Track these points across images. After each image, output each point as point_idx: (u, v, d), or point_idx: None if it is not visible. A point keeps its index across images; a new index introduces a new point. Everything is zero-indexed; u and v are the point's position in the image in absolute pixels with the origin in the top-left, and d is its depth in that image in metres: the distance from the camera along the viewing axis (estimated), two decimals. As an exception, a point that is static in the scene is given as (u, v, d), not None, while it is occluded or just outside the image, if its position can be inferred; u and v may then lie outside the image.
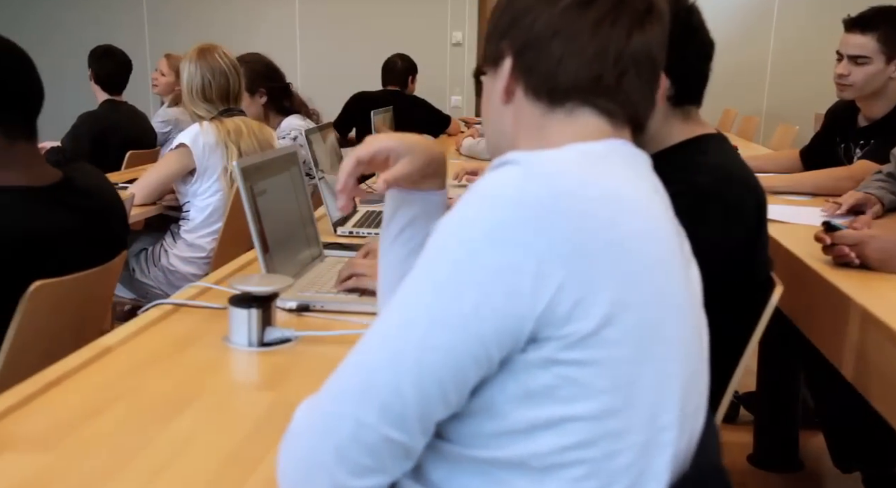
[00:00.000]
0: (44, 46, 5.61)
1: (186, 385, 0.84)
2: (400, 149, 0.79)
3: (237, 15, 5.56)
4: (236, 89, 2.30)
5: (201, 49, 2.29)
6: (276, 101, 2.68)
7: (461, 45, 5.66)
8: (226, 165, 2.22)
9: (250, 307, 0.95)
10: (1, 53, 1.16)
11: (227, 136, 2.22)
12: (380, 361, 0.53)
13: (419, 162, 0.78)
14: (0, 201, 1.11)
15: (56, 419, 0.74)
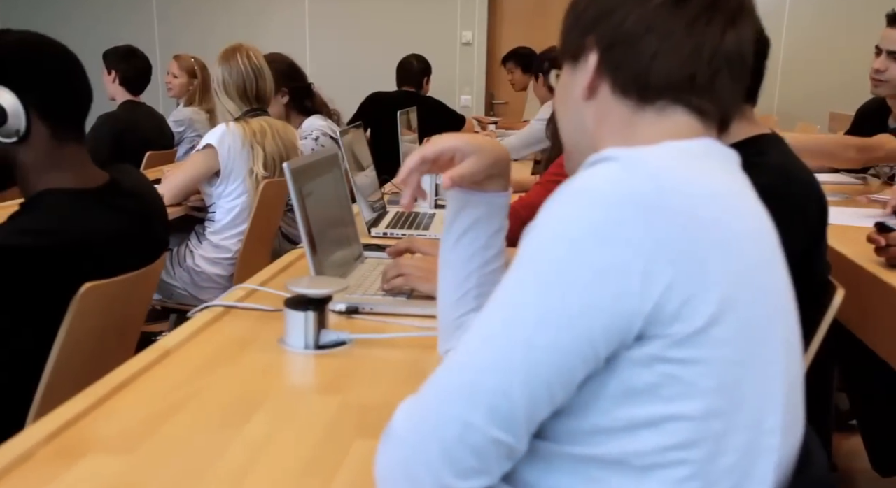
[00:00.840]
0: None
1: (251, 388, 0.84)
2: (466, 148, 0.78)
3: (247, 14, 5.56)
4: (259, 89, 2.31)
5: (229, 49, 2.30)
6: (298, 100, 2.69)
7: (471, 45, 5.66)
8: (251, 167, 2.23)
9: (307, 309, 0.95)
10: (52, 56, 1.16)
11: (253, 138, 2.23)
12: (486, 362, 0.53)
13: (485, 161, 0.78)
14: (52, 203, 1.12)
15: (130, 421, 0.74)
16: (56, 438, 0.70)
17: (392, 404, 0.77)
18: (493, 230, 0.82)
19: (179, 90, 3.70)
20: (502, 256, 0.84)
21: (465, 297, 0.83)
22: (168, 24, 5.63)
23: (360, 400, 0.80)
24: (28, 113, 1.11)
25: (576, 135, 0.69)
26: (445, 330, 0.87)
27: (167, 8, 5.64)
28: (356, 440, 0.71)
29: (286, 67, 2.68)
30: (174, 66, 3.66)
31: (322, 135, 2.66)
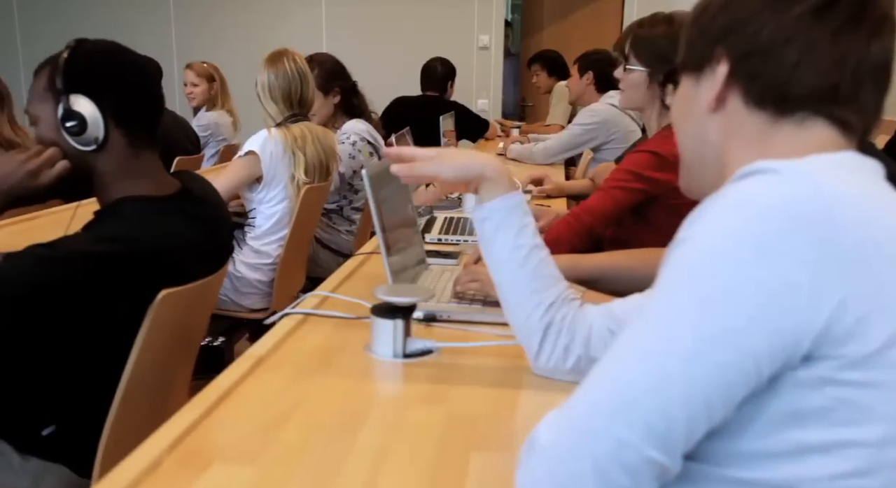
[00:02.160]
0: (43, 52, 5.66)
1: (351, 397, 0.84)
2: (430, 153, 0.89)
3: (264, 17, 5.58)
4: (303, 94, 2.32)
5: (272, 54, 2.32)
6: (347, 100, 2.70)
7: (488, 49, 5.67)
8: (293, 173, 2.24)
9: (395, 317, 0.95)
10: (127, 63, 1.17)
11: (294, 143, 2.24)
12: (642, 378, 0.52)
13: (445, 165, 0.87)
14: (130, 210, 1.13)
15: (244, 431, 0.75)
16: (177, 448, 0.71)
17: (497, 415, 0.79)
18: (515, 231, 0.85)
19: (202, 97, 3.71)
20: (539, 250, 0.87)
21: (522, 300, 0.86)
22: (185, 26, 5.65)
23: (465, 411, 0.80)
24: (105, 121, 1.12)
25: (697, 148, 0.68)
26: (522, 337, 0.89)
27: (184, 10, 5.66)
28: (472, 452, 0.71)
29: (336, 66, 2.69)
30: (190, 75, 3.66)
31: (360, 140, 2.66)
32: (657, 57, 1.44)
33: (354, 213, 2.74)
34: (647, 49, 1.46)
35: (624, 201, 1.46)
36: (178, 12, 5.66)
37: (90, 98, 1.11)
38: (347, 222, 2.73)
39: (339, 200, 2.69)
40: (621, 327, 0.84)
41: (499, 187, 0.85)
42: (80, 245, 1.07)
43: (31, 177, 1.10)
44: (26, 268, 1.04)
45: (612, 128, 3.05)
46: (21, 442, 1.18)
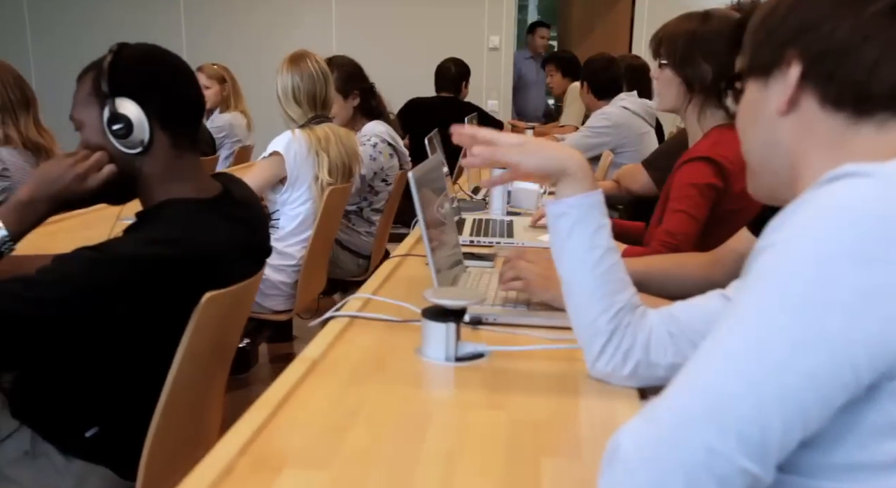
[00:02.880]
0: (78, 47, 5.68)
1: (410, 400, 0.85)
2: (515, 139, 0.87)
3: (274, 17, 5.59)
4: (326, 95, 2.33)
5: (293, 56, 2.32)
6: (366, 102, 2.70)
7: (498, 50, 5.67)
8: (317, 173, 2.25)
9: (447, 321, 0.96)
10: (170, 66, 1.18)
11: (318, 144, 2.24)
12: (733, 387, 0.51)
13: (529, 156, 0.86)
14: (175, 213, 1.13)
15: (310, 435, 0.75)
16: (247, 452, 0.71)
17: (560, 420, 0.78)
18: (592, 231, 0.85)
19: (214, 99, 3.71)
20: (613, 253, 0.86)
21: (590, 301, 0.85)
22: (195, 27, 5.65)
23: (527, 416, 0.80)
24: (150, 124, 1.12)
25: (766, 153, 0.68)
26: (584, 338, 0.88)
27: (194, 11, 5.66)
28: (542, 457, 0.71)
29: (355, 69, 2.69)
30: (202, 78, 3.66)
31: (380, 142, 2.67)
32: (690, 56, 1.41)
33: (374, 215, 2.74)
34: (680, 47, 1.42)
35: (703, 217, 1.40)
36: (188, 12, 5.67)
37: (135, 101, 1.11)
38: (367, 223, 2.74)
39: (360, 202, 2.70)
40: (683, 331, 0.84)
41: (579, 184, 0.84)
42: (128, 248, 1.07)
43: (79, 180, 1.10)
44: (75, 271, 1.04)
45: (623, 131, 3.06)
46: (65, 444, 1.18)
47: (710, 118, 1.44)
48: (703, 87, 1.41)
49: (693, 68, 1.40)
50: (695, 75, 1.41)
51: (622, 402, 0.83)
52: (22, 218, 1.09)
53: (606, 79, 3.23)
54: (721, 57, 1.36)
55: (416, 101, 3.97)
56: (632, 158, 2.96)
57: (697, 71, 1.40)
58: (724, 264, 1.22)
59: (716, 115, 1.43)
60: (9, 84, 2.08)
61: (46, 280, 1.02)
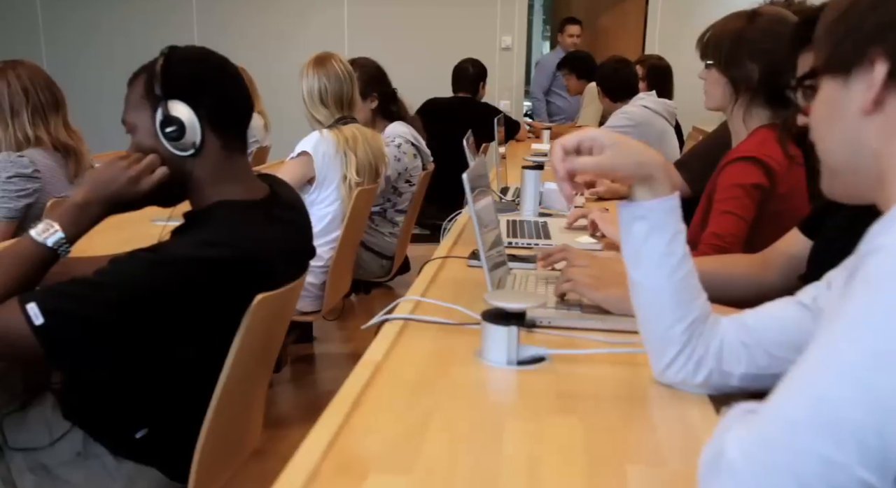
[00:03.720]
0: (90, 46, 5.70)
1: (480, 404, 0.84)
2: (604, 140, 0.82)
3: (285, 17, 5.60)
4: (350, 96, 2.33)
5: (319, 57, 2.32)
6: (385, 105, 2.70)
7: (510, 50, 5.67)
8: (345, 173, 2.25)
9: (509, 324, 0.95)
10: (219, 68, 1.18)
11: (346, 145, 2.24)
12: (849, 394, 0.50)
13: (624, 159, 0.82)
14: (227, 214, 1.13)
15: (387, 439, 0.75)
16: (328, 457, 0.71)
17: (635, 426, 0.78)
18: (669, 236, 0.83)
19: None
20: (688, 260, 0.85)
21: (664, 310, 0.84)
22: (208, 27, 5.66)
23: (601, 422, 0.80)
24: (202, 126, 1.12)
25: (848, 153, 0.66)
26: (656, 347, 0.87)
27: (207, 11, 5.66)
28: (626, 465, 0.70)
29: (376, 72, 2.69)
30: None
31: (404, 142, 2.67)
32: (736, 56, 1.39)
33: (398, 216, 2.74)
34: (726, 48, 1.41)
35: (750, 218, 1.38)
36: (200, 12, 5.67)
37: (187, 103, 1.11)
38: (391, 224, 2.73)
39: (383, 203, 2.70)
40: (758, 342, 0.83)
41: (661, 187, 0.82)
42: (183, 249, 1.07)
43: (133, 183, 1.11)
44: (133, 272, 1.04)
45: (645, 129, 3.05)
46: (115, 445, 1.18)
47: (755, 118, 1.43)
48: (750, 87, 1.40)
49: (739, 68, 1.40)
50: (741, 75, 1.40)
51: (696, 409, 0.82)
52: (77, 220, 1.09)
53: (618, 81, 3.24)
54: (770, 56, 1.36)
55: (434, 102, 3.97)
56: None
57: (744, 71, 1.39)
58: (773, 266, 1.22)
59: (761, 115, 1.43)
60: (39, 86, 2.09)
61: (106, 281, 1.03)
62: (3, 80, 2.04)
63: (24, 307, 0.99)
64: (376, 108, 2.70)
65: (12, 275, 1.03)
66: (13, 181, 2.02)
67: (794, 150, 1.38)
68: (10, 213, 2.03)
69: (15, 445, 1.16)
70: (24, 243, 1.06)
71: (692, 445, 0.74)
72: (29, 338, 0.99)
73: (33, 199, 2.07)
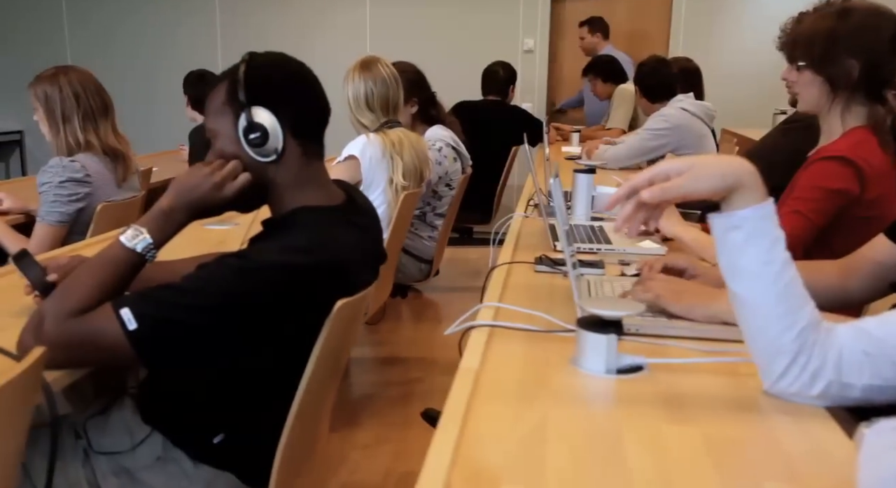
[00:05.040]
0: (112, 45, 5.74)
1: (589, 414, 0.83)
2: (677, 167, 0.81)
3: (308, 20, 5.61)
4: (396, 100, 2.33)
5: (365, 61, 2.32)
6: (425, 110, 2.70)
7: (532, 52, 5.65)
8: (391, 177, 2.24)
9: (608, 332, 0.94)
10: (299, 74, 1.18)
11: (392, 148, 2.24)
12: None
13: (706, 178, 0.80)
14: (308, 220, 1.13)
15: (505, 451, 0.74)
16: (455, 469, 0.70)
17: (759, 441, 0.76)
18: (768, 244, 0.82)
19: None
20: (791, 266, 0.83)
21: (770, 320, 0.82)
22: (231, 28, 5.67)
23: (722, 434, 0.78)
24: (283, 132, 1.12)
25: None
26: (765, 358, 0.86)
27: (229, 12, 5.68)
28: (764, 482, 0.69)
29: (416, 76, 2.69)
30: None
31: (445, 146, 2.66)
32: (832, 54, 1.35)
33: (437, 220, 2.74)
34: (819, 47, 1.36)
35: (821, 224, 1.35)
36: (223, 10, 5.69)
37: (269, 110, 1.11)
38: (430, 228, 2.73)
39: (423, 207, 2.69)
40: (883, 351, 0.81)
41: (753, 195, 0.81)
42: (269, 255, 1.07)
43: (216, 189, 1.11)
44: (222, 278, 1.04)
45: (683, 132, 3.03)
46: (193, 450, 1.18)
47: (853, 117, 1.39)
48: (849, 85, 1.36)
49: (836, 66, 1.35)
50: (839, 73, 1.36)
51: (816, 422, 0.81)
52: (163, 226, 1.09)
53: (657, 81, 3.20)
54: (870, 50, 1.32)
55: (464, 104, 3.97)
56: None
57: (842, 68, 1.35)
58: (858, 272, 1.20)
59: (859, 114, 1.39)
60: (90, 91, 2.10)
61: (196, 287, 1.03)
62: (55, 86, 2.06)
63: (118, 312, 0.99)
64: (416, 112, 2.70)
65: (105, 281, 1.03)
66: (65, 185, 2.03)
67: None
68: (62, 218, 2.05)
69: (99, 449, 1.16)
70: (114, 249, 1.06)
71: (825, 462, 0.72)
72: (122, 343, 0.99)
73: (84, 204, 2.09)
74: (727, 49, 5.21)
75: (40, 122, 2.09)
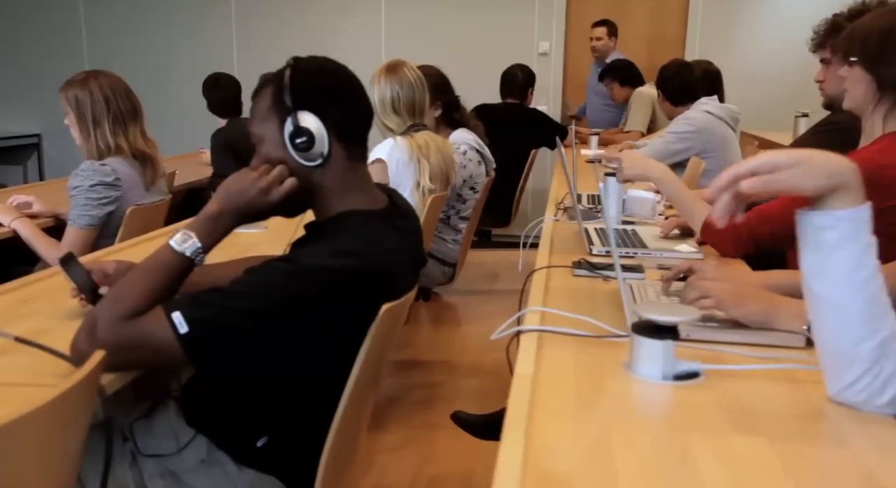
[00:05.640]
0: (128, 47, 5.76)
1: (652, 422, 0.82)
2: (786, 160, 0.78)
3: (323, 21, 5.62)
4: (422, 103, 2.32)
5: (391, 65, 2.32)
6: (448, 113, 2.70)
7: (548, 55, 5.64)
8: (418, 180, 2.24)
9: (665, 338, 0.93)
10: (343, 79, 1.18)
11: (419, 151, 2.24)
12: None
13: (814, 176, 0.78)
14: (354, 224, 1.13)
15: (574, 458, 0.73)
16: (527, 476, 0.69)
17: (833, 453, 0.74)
18: (861, 248, 0.79)
19: None
20: (879, 274, 0.80)
21: (851, 326, 0.80)
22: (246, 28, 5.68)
23: (792, 444, 0.77)
24: (329, 136, 1.12)
25: None
26: (836, 364, 0.84)
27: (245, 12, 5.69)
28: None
29: (440, 80, 2.69)
30: None
31: (469, 149, 2.66)
32: (885, 54, 1.32)
33: (461, 223, 2.73)
34: (873, 45, 1.33)
35: None
36: (238, 13, 5.70)
37: (315, 114, 1.11)
38: (454, 231, 2.73)
39: (447, 210, 2.69)
40: None
41: (853, 196, 0.78)
42: (318, 259, 1.07)
43: (263, 194, 1.10)
44: (271, 282, 1.04)
45: (707, 135, 3.00)
46: (237, 453, 1.18)
47: (893, 121, 1.37)
48: None
49: (888, 67, 1.33)
50: (889, 75, 1.33)
51: (890, 433, 0.79)
52: (211, 230, 1.09)
53: (680, 84, 3.18)
54: None
55: (483, 107, 3.96)
56: (716, 164, 2.90)
57: (892, 69, 1.33)
58: None
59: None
60: (120, 95, 2.11)
61: (246, 291, 1.03)
62: (86, 90, 2.07)
63: (170, 316, 0.99)
64: (440, 115, 2.70)
65: (156, 285, 1.03)
66: (96, 189, 2.04)
67: None
68: (92, 221, 2.06)
69: (145, 451, 1.16)
70: (164, 253, 1.06)
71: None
72: (174, 346, 0.99)
73: (114, 207, 2.09)
74: (745, 50, 5.17)
75: (71, 125, 2.10)
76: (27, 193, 2.36)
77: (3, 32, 5.86)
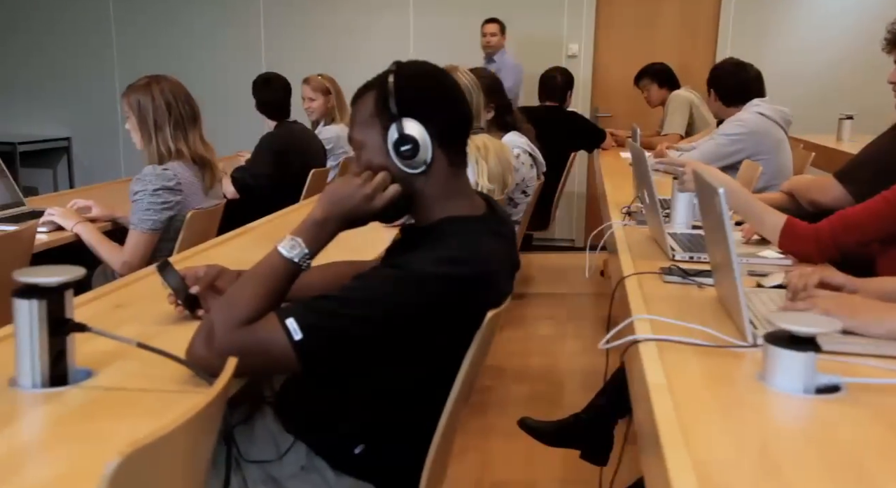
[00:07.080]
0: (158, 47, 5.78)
1: (811, 438, 0.79)
2: None
3: (351, 24, 5.61)
4: (477, 106, 2.30)
5: (447, 68, 2.29)
6: (501, 116, 2.67)
7: (577, 57, 5.60)
8: (476, 180, 2.21)
9: (807, 349, 0.90)
10: (445, 85, 1.17)
11: (477, 152, 2.21)
12: None
13: None
14: (458, 231, 1.10)
15: (743, 472, 0.70)
16: None
17: None
18: None
19: (320, 111, 3.72)
20: None
21: None
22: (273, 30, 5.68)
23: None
24: (432, 143, 1.10)
25: None
26: None
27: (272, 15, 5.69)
28: None
29: (493, 82, 2.67)
30: (307, 91, 3.68)
31: (522, 153, 2.63)
32: None
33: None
34: None
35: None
36: (267, 14, 5.71)
37: (419, 121, 1.09)
38: (504, 235, 2.70)
39: (499, 213, 2.66)
40: None
41: None
42: (426, 266, 1.04)
43: (367, 200, 1.08)
44: (382, 289, 1.02)
45: (760, 138, 2.94)
46: (335, 460, 1.16)
47: None
48: None
49: None
50: None
51: None
52: (317, 236, 1.07)
53: (734, 84, 3.10)
54: None
55: (524, 110, 3.93)
56: (768, 167, 2.84)
57: None
58: None
59: None
60: (181, 100, 2.10)
61: (357, 298, 1.01)
62: (148, 95, 2.06)
63: (284, 322, 0.98)
64: (492, 118, 2.67)
65: (267, 291, 1.02)
66: (159, 193, 2.03)
67: None
68: (154, 225, 2.04)
69: (248, 457, 1.15)
70: (273, 259, 1.04)
71: None
72: (288, 353, 0.98)
73: (175, 212, 2.08)
74: (780, 49, 5.07)
75: (132, 130, 2.10)
76: (85, 198, 2.36)
77: (34, 34, 5.90)
